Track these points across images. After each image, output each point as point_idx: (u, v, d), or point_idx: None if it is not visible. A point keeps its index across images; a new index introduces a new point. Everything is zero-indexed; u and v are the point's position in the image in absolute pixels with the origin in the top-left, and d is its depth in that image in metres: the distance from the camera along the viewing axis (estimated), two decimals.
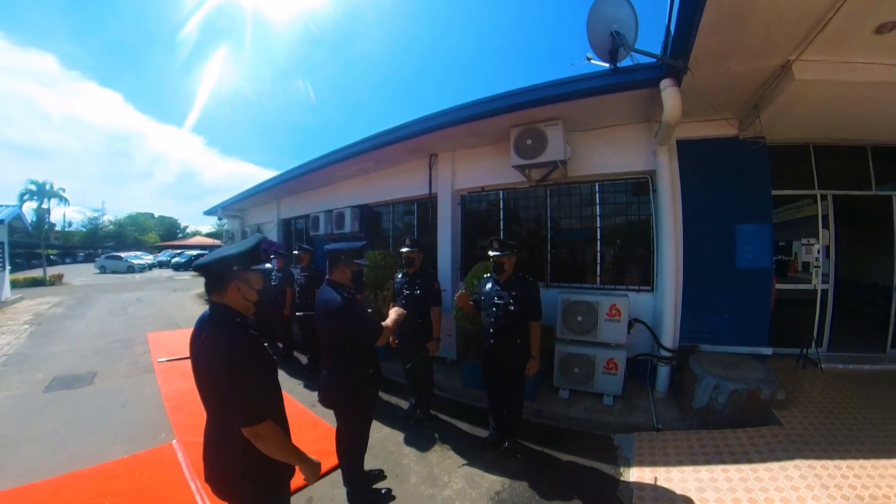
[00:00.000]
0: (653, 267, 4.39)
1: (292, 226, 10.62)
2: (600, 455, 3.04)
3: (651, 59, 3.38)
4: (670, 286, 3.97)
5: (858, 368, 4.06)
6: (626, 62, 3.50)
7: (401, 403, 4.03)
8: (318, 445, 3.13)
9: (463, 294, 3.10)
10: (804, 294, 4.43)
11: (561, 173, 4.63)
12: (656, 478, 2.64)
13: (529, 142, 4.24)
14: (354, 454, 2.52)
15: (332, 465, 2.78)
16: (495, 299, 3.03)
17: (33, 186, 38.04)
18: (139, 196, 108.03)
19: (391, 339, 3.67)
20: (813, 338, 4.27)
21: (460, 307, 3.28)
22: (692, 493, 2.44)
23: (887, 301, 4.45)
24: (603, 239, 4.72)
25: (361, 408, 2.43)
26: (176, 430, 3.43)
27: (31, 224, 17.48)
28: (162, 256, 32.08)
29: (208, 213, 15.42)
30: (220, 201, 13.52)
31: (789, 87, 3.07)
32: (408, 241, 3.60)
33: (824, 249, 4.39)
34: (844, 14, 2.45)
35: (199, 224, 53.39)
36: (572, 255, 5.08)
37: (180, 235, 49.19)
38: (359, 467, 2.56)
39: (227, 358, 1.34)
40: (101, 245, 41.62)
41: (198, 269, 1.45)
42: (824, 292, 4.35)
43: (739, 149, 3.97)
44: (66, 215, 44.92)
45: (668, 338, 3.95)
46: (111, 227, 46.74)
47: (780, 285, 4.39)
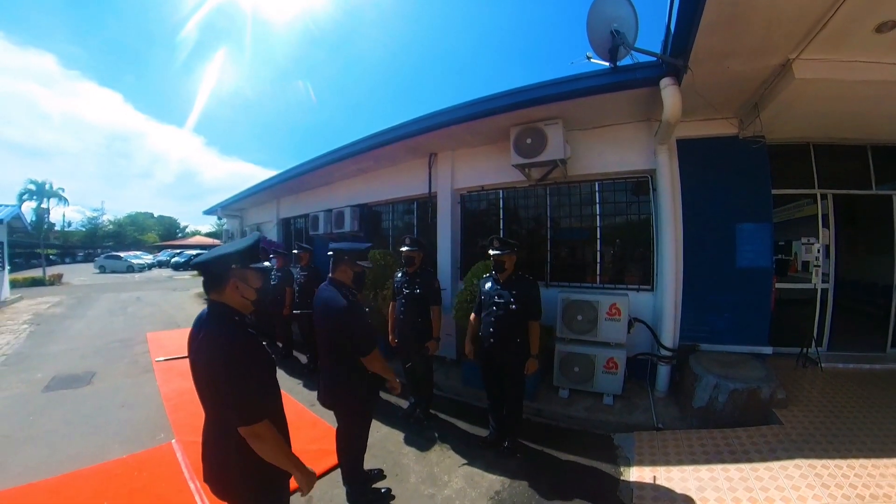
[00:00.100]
0: (653, 266, 4.39)
1: (292, 225, 10.62)
2: (600, 454, 3.04)
3: (651, 58, 3.38)
4: (670, 285, 3.97)
5: (858, 368, 4.06)
6: (626, 61, 3.51)
7: (400, 403, 4.02)
8: (317, 445, 3.13)
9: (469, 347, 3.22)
10: (804, 293, 4.43)
11: (561, 172, 4.63)
12: (656, 477, 2.64)
13: (529, 141, 4.23)
14: (354, 454, 2.51)
15: (332, 464, 2.78)
16: (495, 298, 3.02)
17: (33, 186, 38.03)
18: (139, 196, 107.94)
19: (391, 338, 3.68)
20: (813, 337, 4.27)
21: (460, 306, 3.28)
22: (692, 493, 2.43)
23: (887, 300, 4.45)
24: (603, 238, 4.72)
25: (361, 407, 2.43)
26: (175, 430, 3.42)
27: (30, 224, 17.46)
28: (161, 256, 32.08)
29: (208, 212, 15.43)
30: (220, 201, 13.51)
31: (789, 86, 3.07)
32: (408, 239, 3.59)
33: (824, 249, 4.39)
34: (844, 13, 2.44)
35: (199, 224, 53.53)
36: (572, 255, 5.08)
37: (180, 235, 49.16)
38: (358, 467, 2.56)
39: (225, 356, 1.33)
40: (100, 245, 41.60)
41: (196, 267, 1.45)
42: (824, 291, 4.35)
43: (739, 148, 3.97)
44: (66, 215, 44.93)
45: (668, 337, 3.96)
46: (111, 227, 46.72)
47: (780, 285, 4.39)
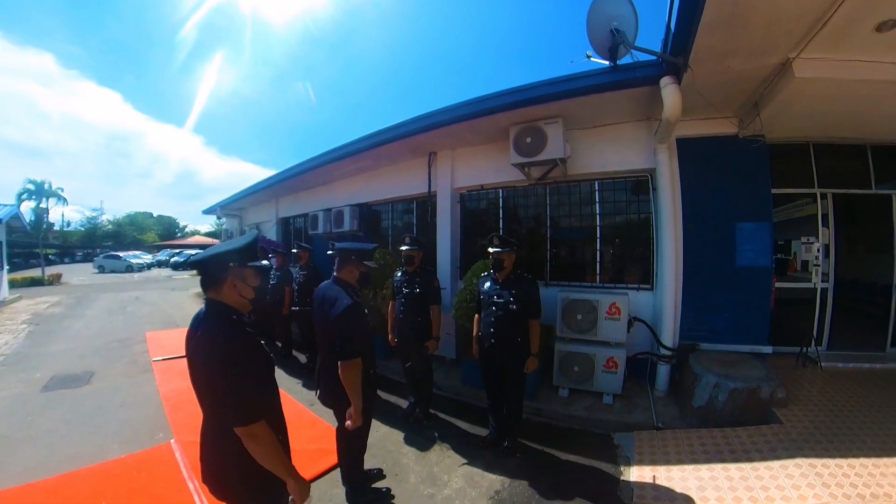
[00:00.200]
0: (652, 265, 4.39)
1: (291, 224, 10.60)
2: (600, 454, 3.03)
3: (651, 57, 3.37)
4: (670, 284, 3.96)
5: (858, 367, 4.05)
6: (625, 60, 3.50)
7: (400, 402, 4.02)
8: (317, 444, 3.13)
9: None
10: (804, 293, 4.43)
11: (560, 171, 4.62)
12: (656, 476, 2.63)
13: (529, 140, 4.23)
14: (354, 453, 2.50)
15: (332, 464, 2.78)
16: (495, 298, 3.02)
17: (32, 186, 37.94)
18: (138, 195, 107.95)
19: (390, 337, 3.67)
20: (813, 336, 4.27)
21: (460, 305, 3.27)
22: (693, 492, 2.43)
23: (887, 300, 4.45)
24: (602, 237, 4.72)
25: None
26: (174, 430, 3.41)
27: (29, 223, 17.43)
28: (160, 256, 32.05)
29: (207, 212, 15.40)
30: (219, 200, 13.49)
31: (789, 85, 3.06)
32: (407, 238, 3.58)
33: (824, 248, 4.39)
34: (844, 12, 2.44)
35: (198, 223, 53.54)
36: (572, 254, 5.07)
37: (179, 235, 49.09)
38: (358, 466, 2.55)
39: (222, 355, 1.32)
40: (99, 244, 41.54)
41: (193, 266, 1.44)
42: (824, 291, 4.35)
43: (739, 147, 3.97)
44: (65, 215, 44.92)
45: (668, 336, 3.95)
46: (110, 227, 46.66)
47: (780, 284, 4.39)
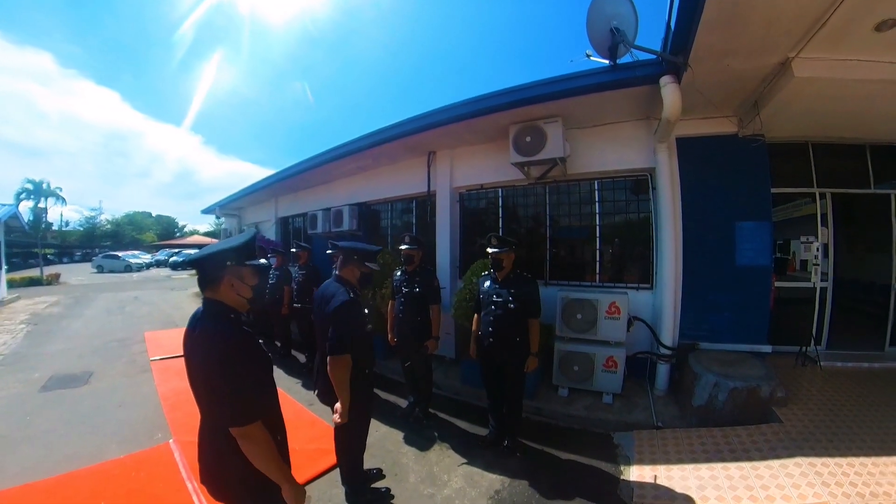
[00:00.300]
0: (652, 265, 4.39)
1: (290, 224, 10.58)
2: (600, 453, 3.03)
3: (651, 56, 3.36)
4: (670, 284, 3.96)
5: (857, 366, 4.06)
6: (625, 59, 3.50)
7: (399, 402, 4.02)
8: (316, 444, 3.12)
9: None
10: (803, 292, 4.43)
11: (560, 171, 4.62)
12: (656, 476, 2.63)
13: (528, 139, 4.22)
14: (353, 453, 2.50)
15: (331, 463, 2.77)
16: (494, 297, 3.01)
17: (30, 185, 37.74)
18: (137, 195, 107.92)
19: (390, 336, 3.66)
20: (812, 336, 4.28)
21: (459, 305, 3.27)
22: (693, 492, 2.43)
23: (885, 299, 4.45)
24: (602, 237, 4.72)
25: (360, 406, 2.41)
26: (173, 430, 3.40)
27: (27, 223, 17.36)
28: (159, 255, 31.98)
29: (206, 211, 15.36)
30: (218, 200, 13.46)
31: (788, 84, 3.06)
32: (407, 238, 3.58)
33: (823, 248, 4.40)
34: (844, 11, 2.44)
35: (197, 223, 53.55)
36: (571, 253, 5.07)
37: (178, 234, 49.03)
38: (358, 466, 2.54)
39: (219, 354, 1.31)
40: (98, 244, 41.52)
41: (190, 264, 1.43)
42: (823, 290, 4.35)
43: (739, 146, 3.96)
44: (64, 214, 44.78)
45: (668, 336, 3.95)
46: (108, 227, 46.61)
47: (780, 283, 4.39)
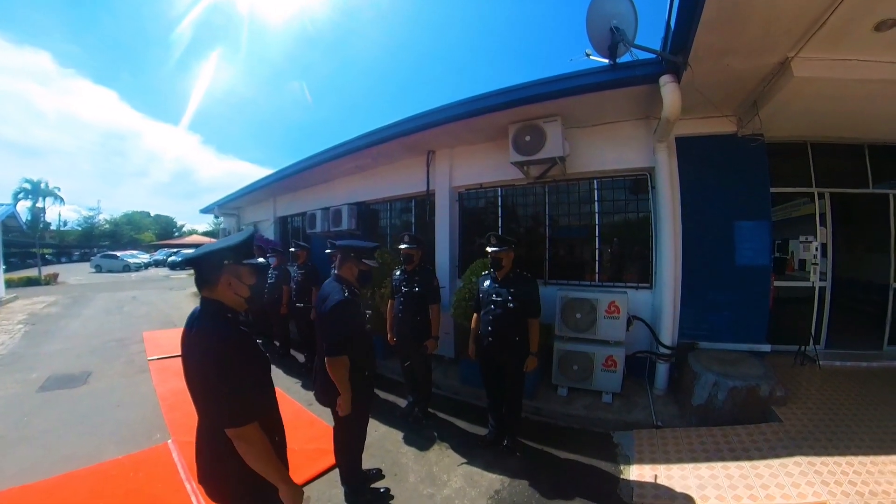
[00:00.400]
0: (651, 264, 4.39)
1: (289, 223, 10.57)
2: (600, 453, 3.03)
3: (651, 55, 3.36)
4: (669, 283, 3.96)
5: (856, 365, 4.06)
6: (625, 58, 3.49)
7: (399, 402, 4.01)
8: (315, 444, 3.11)
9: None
10: (802, 292, 4.44)
11: (559, 170, 4.62)
12: (656, 475, 2.63)
13: (528, 138, 4.22)
14: (352, 453, 2.49)
15: (330, 464, 2.76)
16: (494, 297, 3.00)
17: (28, 185, 37.74)
18: (135, 194, 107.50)
19: (389, 336, 3.65)
20: (811, 335, 4.28)
21: (458, 304, 3.26)
22: (693, 491, 2.43)
23: (884, 298, 4.46)
24: (601, 236, 4.72)
25: (359, 406, 2.41)
26: (171, 430, 3.39)
27: (25, 223, 17.34)
28: (158, 255, 31.89)
29: (204, 211, 15.31)
30: (217, 199, 13.43)
31: (788, 84, 3.06)
32: (406, 237, 3.57)
33: (821, 247, 4.40)
34: (843, 11, 2.44)
35: (196, 223, 53.48)
36: (571, 253, 5.07)
37: (176, 234, 48.97)
38: (357, 466, 2.54)
39: (216, 354, 1.29)
40: (96, 244, 41.38)
41: (188, 263, 1.41)
42: (822, 290, 4.36)
43: (738, 146, 3.96)
44: (62, 214, 44.78)
45: (667, 335, 3.95)
46: (107, 226, 46.47)
47: (779, 283, 4.40)
